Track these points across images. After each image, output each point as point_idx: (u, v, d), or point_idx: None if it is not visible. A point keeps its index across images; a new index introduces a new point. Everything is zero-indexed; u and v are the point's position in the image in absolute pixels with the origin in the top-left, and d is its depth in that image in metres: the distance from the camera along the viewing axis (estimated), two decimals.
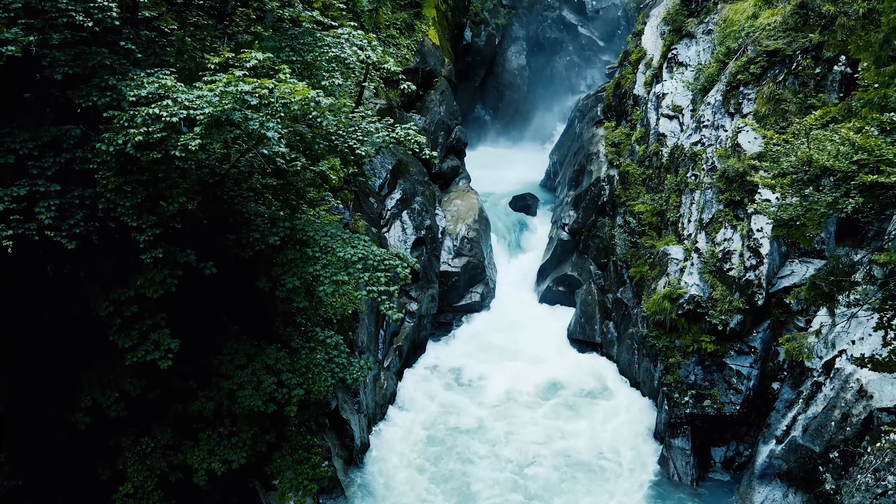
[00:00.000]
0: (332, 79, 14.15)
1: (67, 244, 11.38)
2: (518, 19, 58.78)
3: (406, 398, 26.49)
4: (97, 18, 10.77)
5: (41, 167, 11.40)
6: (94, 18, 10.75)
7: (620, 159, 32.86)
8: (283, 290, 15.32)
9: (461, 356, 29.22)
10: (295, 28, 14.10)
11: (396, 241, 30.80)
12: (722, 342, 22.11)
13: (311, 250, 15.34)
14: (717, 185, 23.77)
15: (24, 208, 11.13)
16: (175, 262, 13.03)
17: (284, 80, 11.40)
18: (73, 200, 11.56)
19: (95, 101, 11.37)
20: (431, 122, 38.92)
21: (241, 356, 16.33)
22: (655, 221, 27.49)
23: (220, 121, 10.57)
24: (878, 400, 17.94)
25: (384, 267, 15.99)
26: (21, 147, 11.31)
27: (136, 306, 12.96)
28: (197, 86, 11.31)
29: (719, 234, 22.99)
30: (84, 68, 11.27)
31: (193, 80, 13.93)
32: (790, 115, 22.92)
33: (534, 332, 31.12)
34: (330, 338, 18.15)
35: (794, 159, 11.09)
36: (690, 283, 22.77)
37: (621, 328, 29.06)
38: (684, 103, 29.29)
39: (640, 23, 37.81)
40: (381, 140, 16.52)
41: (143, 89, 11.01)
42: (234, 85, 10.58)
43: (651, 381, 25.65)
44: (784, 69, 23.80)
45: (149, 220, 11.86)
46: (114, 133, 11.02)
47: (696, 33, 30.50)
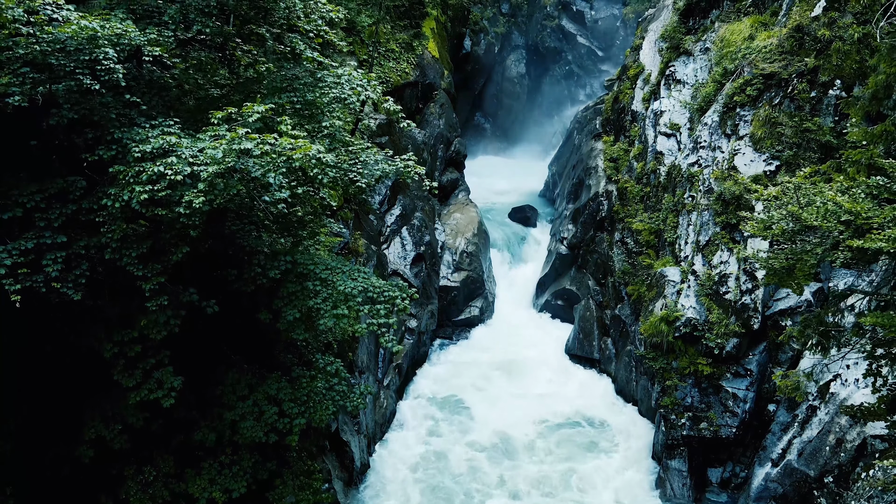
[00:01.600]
0: (332, 119, 14.34)
1: (74, 295, 11.60)
2: (517, 28, 59.02)
3: (405, 417, 26.68)
4: (103, 80, 10.99)
5: (48, 219, 11.63)
6: (101, 80, 10.97)
7: (619, 175, 33.08)
8: (284, 323, 15.53)
9: (458, 378, 29.06)
10: (296, 68, 14.30)
11: (396, 257, 31.00)
12: (718, 365, 22.33)
13: (311, 283, 15.55)
14: (713, 207, 23.99)
15: (31, 260, 11.35)
16: (178, 303, 13.25)
17: (286, 132, 11.61)
18: (79, 251, 11.79)
19: (101, 155, 11.58)
20: (431, 136, 39.10)
21: (243, 386, 16.56)
22: (653, 240, 27.71)
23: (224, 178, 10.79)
24: (872, 427, 18.15)
25: (384, 298, 16.19)
26: (28, 200, 11.54)
27: (140, 346, 13.17)
28: (200, 137, 11.52)
29: (716, 257, 23.20)
30: (90, 122, 11.49)
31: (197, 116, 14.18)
32: (786, 138, 23.15)
33: (532, 348, 31.33)
34: (330, 364, 18.40)
35: (783, 213, 11.30)
36: (687, 306, 22.99)
37: (619, 345, 29.27)
38: (682, 121, 29.50)
39: (638, 37, 38.04)
40: (381, 171, 16.74)
41: (147, 144, 11.22)
42: (237, 143, 10.79)
43: (648, 399, 25.86)
44: (780, 92, 24.00)
45: (153, 269, 12.09)
46: (119, 189, 11.24)
47: (693, 51, 30.70)
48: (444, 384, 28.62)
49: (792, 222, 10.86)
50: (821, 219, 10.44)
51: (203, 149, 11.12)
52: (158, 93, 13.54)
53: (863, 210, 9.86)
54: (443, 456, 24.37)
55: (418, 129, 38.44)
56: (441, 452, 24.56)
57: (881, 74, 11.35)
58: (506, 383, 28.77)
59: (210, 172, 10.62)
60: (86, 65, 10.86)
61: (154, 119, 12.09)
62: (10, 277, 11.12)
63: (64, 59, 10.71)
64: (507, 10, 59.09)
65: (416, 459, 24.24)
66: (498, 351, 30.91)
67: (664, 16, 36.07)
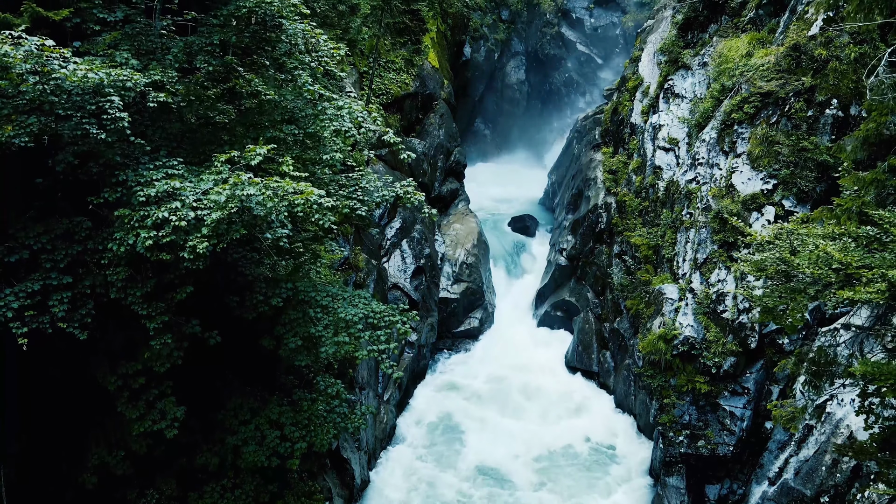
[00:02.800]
0: (332, 152, 14.50)
1: (80, 335, 11.79)
2: (517, 34, 59.17)
3: (405, 433, 26.86)
4: (109, 129, 11.16)
5: (54, 260, 11.81)
6: (107, 129, 11.13)
7: (618, 188, 33.24)
8: (286, 350, 15.73)
9: (457, 397, 29.02)
10: (298, 99, 14.46)
11: (396, 270, 31.18)
12: (716, 383, 22.49)
13: (312, 310, 15.74)
14: (711, 224, 24.14)
15: (37, 302, 11.53)
16: (181, 334, 13.42)
17: (288, 173, 11.78)
18: (84, 290, 11.97)
19: (107, 198, 11.76)
20: (430, 146, 39.25)
21: (245, 411, 16.76)
22: (651, 255, 27.87)
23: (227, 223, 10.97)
24: None
25: (384, 324, 16.38)
26: (35, 241, 11.73)
27: (144, 378, 13.35)
28: (203, 178, 11.70)
29: (713, 275, 23.37)
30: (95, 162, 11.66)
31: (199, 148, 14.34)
32: (783, 157, 23.31)
33: (532, 361, 31.48)
34: (331, 386, 18.59)
35: (776, 256, 11.48)
36: (685, 325, 23.16)
37: (618, 358, 29.45)
38: (680, 136, 29.66)
39: (637, 49, 38.18)
40: (381, 197, 16.92)
41: (152, 188, 11.40)
42: (240, 188, 10.96)
43: (647, 413, 26.03)
44: (777, 111, 24.15)
45: (157, 308, 12.28)
46: (124, 233, 11.42)
47: (691, 65, 30.85)
48: (443, 402, 28.63)
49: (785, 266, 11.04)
50: (812, 266, 10.63)
51: (207, 191, 11.29)
52: (161, 124, 13.71)
53: (853, 261, 10.05)
54: (437, 483, 24.26)
55: (418, 140, 38.62)
56: (434, 481, 24.34)
57: (871, 122, 11.53)
58: (504, 404, 28.67)
59: (213, 219, 10.80)
60: (92, 114, 11.04)
61: (157, 154, 12.25)
62: (17, 320, 11.31)
63: (71, 109, 10.89)
64: (506, 17, 59.22)
65: (414, 481, 24.35)
66: (497, 366, 31.06)
67: (663, 27, 36.24)
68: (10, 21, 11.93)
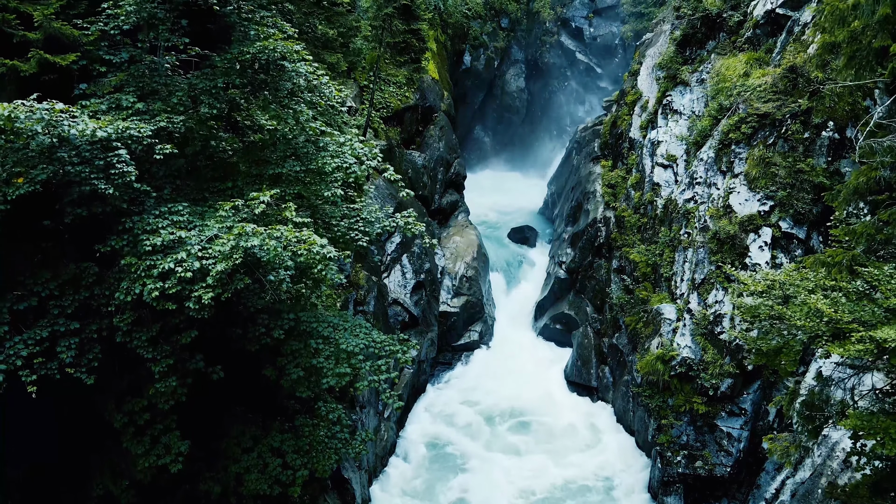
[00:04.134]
0: (334, 188, 14.72)
1: (87, 380, 12.02)
2: (517, 42, 59.40)
3: (405, 449, 27.07)
4: (117, 184, 11.38)
5: (61, 306, 12.04)
6: (115, 184, 11.36)
7: (616, 203, 33.46)
8: (288, 381, 15.94)
9: (455, 420, 28.81)
10: (300, 135, 14.67)
11: (396, 286, 31.37)
12: (713, 403, 22.71)
13: (314, 342, 15.94)
14: (709, 245, 24.35)
15: (46, 348, 11.76)
16: (185, 371, 13.63)
17: (291, 219, 11.99)
18: (91, 335, 12.20)
19: (113, 245, 11.98)
20: (430, 159, 39.46)
21: (248, 438, 16.97)
22: (650, 273, 28.08)
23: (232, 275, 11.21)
24: None
25: (385, 353, 16.59)
26: (43, 288, 11.95)
27: (149, 414, 13.57)
28: (208, 224, 11.91)
29: (711, 296, 23.58)
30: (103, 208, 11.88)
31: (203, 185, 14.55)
32: (780, 179, 23.52)
33: (531, 377, 31.65)
34: (332, 412, 18.77)
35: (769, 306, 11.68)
36: (683, 345, 23.37)
37: (617, 374, 29.66)
38: (678, 152, 29.88)
39: (636, 62, 38.40)
40: (381, 228, 17.14)
41: (157, 237, 11.62)
42: (244, 239, 11.17)
43: (645, 430, 26.23)
44: (774, 132, 24.37)
45: (163, 351, 12.50)
46: (130, 282, 11.64)
47: (690, 81, 31.07)
48: (442, 424, 28.50)
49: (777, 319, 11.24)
50: (804, 318, 10.85)
51: (212, 238, 11.50)
52: (166, 162, 13.91)
53: (843, 316, 10.26)
54: None
55: (419, 153, 38.83)
56: None
57: (861, 176, 11.75)
58: (502, 428, 28.57)
59: (218, 270, 11.02)
60: (100, 168, 11.26)
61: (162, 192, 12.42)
62: (26, 368, 11.54)
63: (80, 164, 11.11)
64: (506, 25, 59.45)
65: (416, 493, 24.60)
66: (496, 382, 31.22)
67: (661, 41, 36.44)
68: (19, 67, 12.15)
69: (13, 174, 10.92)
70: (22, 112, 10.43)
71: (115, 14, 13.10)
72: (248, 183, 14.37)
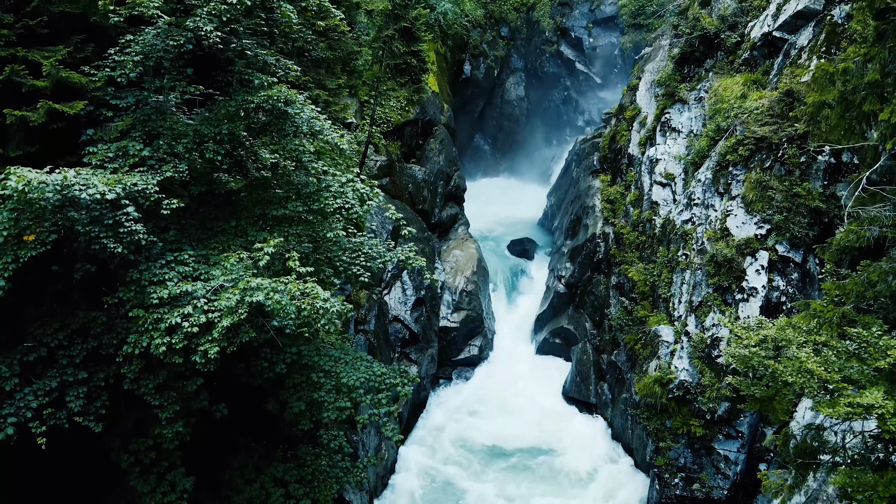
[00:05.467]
0: (336, 230, 14.97)
1: (95, 427, 12.28)
2: (517, 51, 59.65)
3: (407, 466, 27.33)
4: (126, 242, 11.64)
5: (70, 356, 12.30)
6: (124, 242, 11.61)
7: (615, 219, 33.71)
8: (290, 414, 16.21)
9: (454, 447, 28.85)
10: (303, 175, 14.93)
11: (396, 303, 31.62)
12: (710, 426, 22.97)
13: (315, 375, 16.20)
14: (706, 267, 24.59)
15: (55, 399, 12.02)
16: (189, 410, 13.89)
17: (294, 268, 12.24)
18: (98, 383, 12.45)
19: (121, 297, 12.24)
20: (431, 172, 39.70)
21: (250, 469, 17.23)
22: (648, 292, 28.31)
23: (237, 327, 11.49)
24: None
25: (385, 386, 16.85)
26: (52, 339, 12.21)
27: (154, 453, 13.83)
28: (214, 275, 12.17)
29: (708, 319, 23.83)
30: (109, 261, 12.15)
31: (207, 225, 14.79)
32: (776, 202, 23.76)
33: (530, 393, 31.90)
34: (334, 439, 19.04)
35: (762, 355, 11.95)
36: (680, 368, 23.63)
37: (615, 391, 29.91)
38: (677, 171, 30.12)
39: (634, 77, 38.65)
40: (382, 262, 17.40)
41: (164, 289, 11.88)
42: (249, 294, 11.44)
43: (643, 449, 26.48)
44: (771, 155, 24.60)
45: (170, 398, 12.76)
46: (138, 335, 11.90)
47: (688, 100, 31.29)
48: (441, 447, 28.57)
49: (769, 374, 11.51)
50: (795, 375, 11.10)
51: (217, 289, 11.76)
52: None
53: (833, 376, 10.52)
54: None
55: (419, 167, 39.07)
56: None
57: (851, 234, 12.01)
58: (500, 450, 28.59)
59: (224, 326, 11.28)
60: (109, 227, 11.50)
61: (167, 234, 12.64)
62: (36, 419, 11.80)
63: (90, 224, 11.36)
64: (506, 34, 59.74)
65: None
66: (495, 400, 31.49)
67: (660, 57, 36.68)
68: (28, 118, 12.40)
69: (22, 229, 11.16)
70: (35, 184, 10.67)
71: (122, 62, 13.33)
72: (251, 223, 14.62)
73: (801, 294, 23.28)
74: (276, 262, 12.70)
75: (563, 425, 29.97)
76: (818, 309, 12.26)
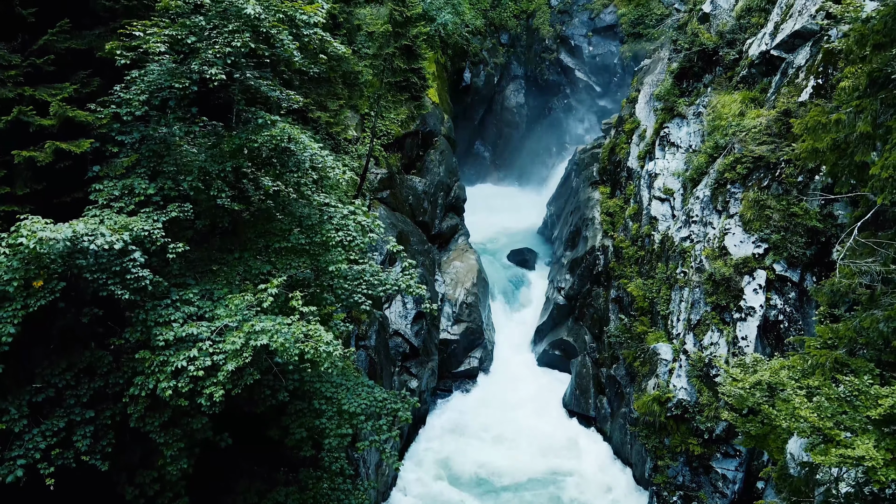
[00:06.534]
0: (338, 264, 15.18)
1: (101, 466, 12.49)
2: (517, 58, 59.87)
3: (407, 480, 27.55)
4: (132, 288, 11.85)
5: (77, 395, 12.50)
6: (130, 289, 11.83)
7: (615, 232, 33.91)
8: (292, 441, 16.41)
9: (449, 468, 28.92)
10: (305, 207, 15.14)
11: (397, 317, 31.81)
12: (708, 445, 23.18)
13: (317, 402, 16.41)
14: (704, 286, 24.79)
15: (62, 438, 12.23)
16: (193, 441, 14.09)
17: (297, 308, 12.46)
18: (105, 421, 12.66)
19: (127, 338, 12.46)
20: (431, 184, 39.91)
21: (253, 494, 17.43)
22: (647, 307, 28.52)
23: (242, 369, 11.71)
24: None
25: (386, 412, 17.07)
26: (59, 380, 12.42)
27: (159, 485, 14.04)
28: (218, 315, 12.38)
29: (706, 337, 24.03)
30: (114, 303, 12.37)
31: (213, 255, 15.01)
32: (774, 222, 23.96)
33: (530, 407, 32.09)
34: (335, 462, 19.26)
35: (756, 397, 12.20)
36: (678, 387, 23.83)
37: (615, 405, 30.12)
38: (675, 186, 30.32)
39: (633, 89, 38.82)
40: (384, 290, 17.62)
41: (170, 331, 12.09)
42: (254, 338, 11.65)
43: (642, 464, 26.70)
44: (768, 174, 24.80)
45: (174, 435, 12.97)
46: (144, 377, 12.11)
47: (687, 114, 31.50)
48: (440, 468, 28.73)
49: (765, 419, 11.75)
50: (788, 419, 11.32)
51: (222, 330, 11.97)
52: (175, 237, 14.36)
53: (825, 424, 10.73)
54: None
55: (419, 179, 39.27)
56: None
57: (843, 280, 12.21)
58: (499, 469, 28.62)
59: (229, 370, 11.50)
60: (116, 274, 11.72)
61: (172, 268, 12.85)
62: (44, 461, 12.01)
63: (98, 272, 11.58)
64: (506, 41, 59.97)
65: None
66: (495, 414, 31.65)
67: (659, 69, 36.86)
68: (36, 158, 12.61)
69: (32, 278, 11.37)
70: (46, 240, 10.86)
71: (128, 100, 13.54)
72: (254, 255, 14.82)
73: (799, 313, 23.49)
74: (281, 295, 12.91)
75: (563, 439, 30.14)
76: (812, 353, 12.47)
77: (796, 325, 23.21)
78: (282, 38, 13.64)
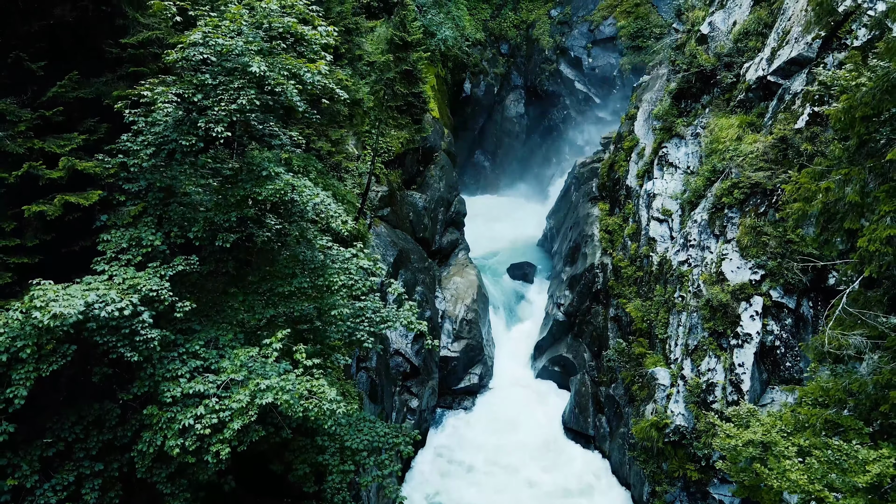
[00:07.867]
0: (341, 308, 15.47)
1: None
2: (517, 68, 60.21)
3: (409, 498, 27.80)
4: (141, 350, 12.15)
5: (86, 448, 12.79)
6: (139, 350, 12.12)
7: (614, 251, 34.20)
8: (295, 476, 16.69)
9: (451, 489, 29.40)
10: (308, 251, 15.43)
11: (398, 336, 32.11)
12: (706, 471, 23.47)
13: (320, 438, 16.69)
14: (702, 311, 25.07)
15: (72, 493, 12.52)
16: (198, 485, 14.38)
17: (301, 361, 12.76)
18: (113, 474, 12.96)
19: (135, 393, 12.74)
20: (431, 200, 40.22)
21: None
22: (645, 328, 28.82)
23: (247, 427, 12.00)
24: None
25: (388, 446, 17.35)
26: (69, 433, 12.71)
27: None
28: (224, 368, 12.67)
29: (704, 363, 24.32)
30: None
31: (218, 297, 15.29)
32: (770, 249, 24.24)
33: (529, 425, 32.40)
34: (337, 493, 19.53)
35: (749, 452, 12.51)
36: (676, 413, 24.13)
37: (613, 424, 30.43)
38: (674, 207, 30.60)
39: (633, 106, 39.10)
40: (385, 326, 17.91)
41: (177, 387, 12.38)
42: (259, 397, 11.95)
43: (641, 486, 27.00)
44: (765, 200, 25.07)
45: (181, 485, 13.26)
46: (152, 433, 12.40)
47: (685, 135, 31.75)
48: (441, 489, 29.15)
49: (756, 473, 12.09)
50: (779, 480, 11.62)
51: (228, 385, 12.26)
52: (180, 280, 14.67)
53: (815, 487, 11.03)
54: None
55: (419, 195, 39.57)
56: None
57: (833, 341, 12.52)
58: None
59: (234, 428, 11.78)
60: (126, 336, 12.01)
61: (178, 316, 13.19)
62: None
63: (108, 336, 11.87)
64: (506, 51, 60.34)
65: None
66: (495, 433, 31.97)
67: (658, 86, 37.15)
68: (46, 212, 12.90)
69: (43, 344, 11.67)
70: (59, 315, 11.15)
71: (136, 151, 13.84)
72: (257, 299, 15.10)
73: (795, 339, 23.77)
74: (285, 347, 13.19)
75: (562, 458, 30.44)
76: (803, 412, 12.78)
77: (793, 352, 23.50)
78: (287, 91, 13.92)
